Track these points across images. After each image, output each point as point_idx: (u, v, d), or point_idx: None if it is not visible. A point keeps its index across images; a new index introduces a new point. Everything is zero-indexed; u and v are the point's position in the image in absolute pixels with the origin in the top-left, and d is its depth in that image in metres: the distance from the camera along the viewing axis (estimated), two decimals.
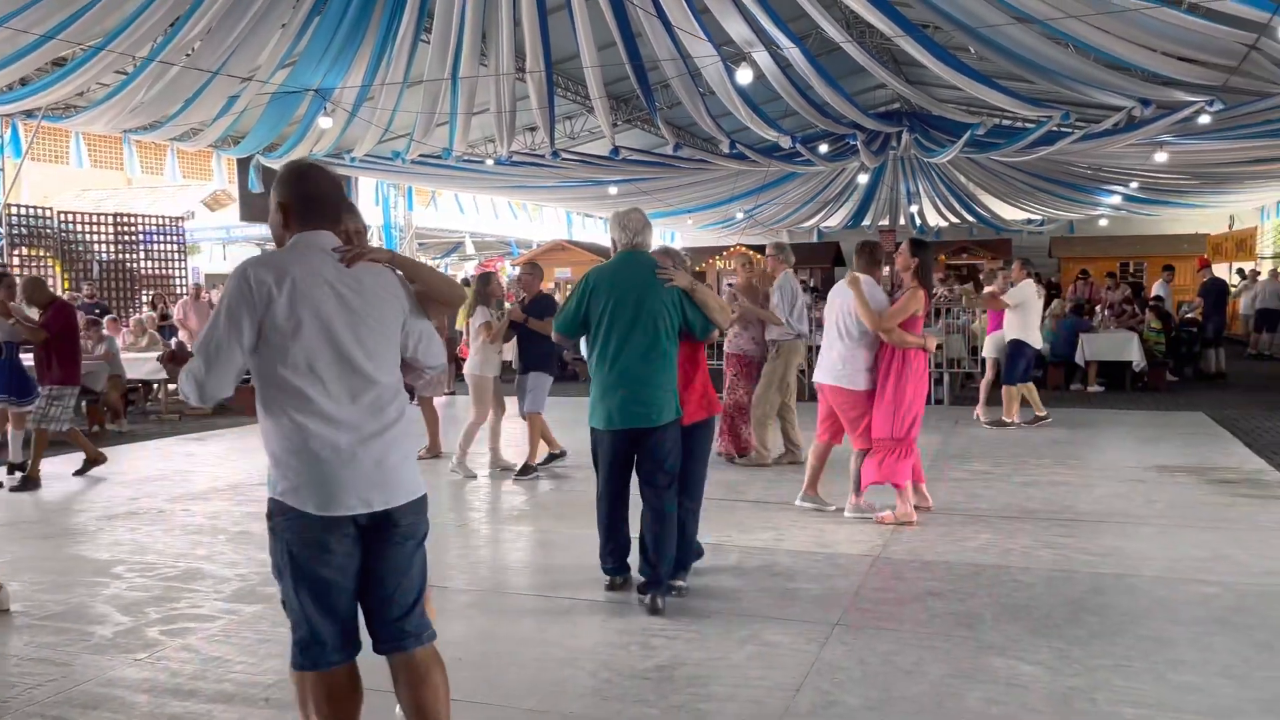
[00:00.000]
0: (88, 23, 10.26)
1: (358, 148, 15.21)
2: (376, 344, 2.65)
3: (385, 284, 2.72)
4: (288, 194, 2.72)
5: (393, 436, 2.62)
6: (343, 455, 2.54)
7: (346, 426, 2.55)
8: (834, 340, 6.17)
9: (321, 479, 2.53)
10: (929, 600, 4.62)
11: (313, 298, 2.57)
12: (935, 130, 16.78)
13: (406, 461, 2.67)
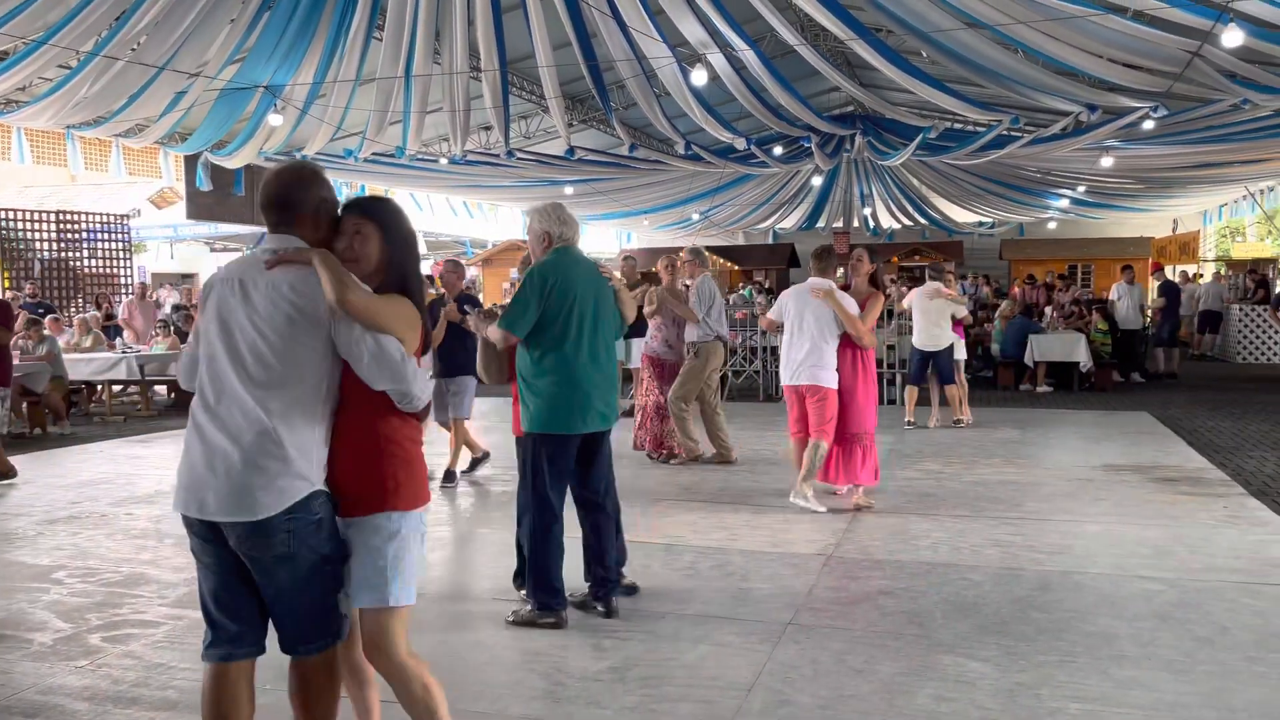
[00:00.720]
0: (30, 16, 10.00)
1: (309, 146, 14.99)
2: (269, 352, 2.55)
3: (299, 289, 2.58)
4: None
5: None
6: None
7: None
8: (803, 342, 6.35)
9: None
10: (880, 599, 4.66)
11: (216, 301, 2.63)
12: (888, 133, 16.97)
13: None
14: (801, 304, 6.43)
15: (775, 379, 13.34)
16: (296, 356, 2.55)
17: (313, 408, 2.57)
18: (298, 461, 2.52)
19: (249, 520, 2.48)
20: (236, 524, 2.49)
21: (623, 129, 15.40)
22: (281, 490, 2.49)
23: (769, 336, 13.47)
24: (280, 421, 2.52)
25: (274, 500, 2.48)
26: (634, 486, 7.29)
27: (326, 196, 2.72)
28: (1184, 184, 19.28)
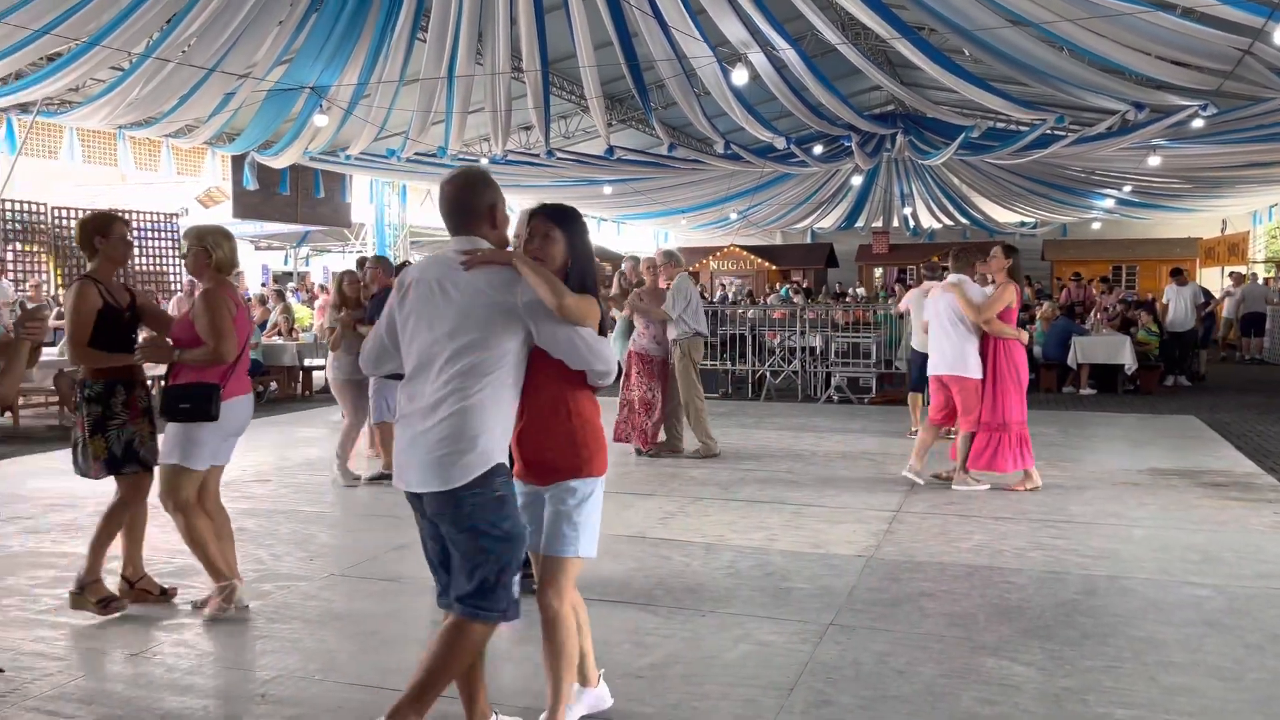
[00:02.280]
0: (83, 18, 10.23)
1: (353, 145, 15.19)
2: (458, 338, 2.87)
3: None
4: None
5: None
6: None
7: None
8: (944, 335, 7.02)
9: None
10: (922, 601, 4.65)
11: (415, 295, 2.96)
12: (929, 132, 16.85)
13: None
14: (938, 299, 7.10)
15: (815, 379, 13.31)
16: (492, 346, 2.85)
17: (503, 391, 2.88)
18: (485, 440, 2.83)
19: (439, 491, 2.81)
20: (431, 495, 2.84)
21: (662, 128, 15.44)
22: (468, 465, 2.81)
23: (807, 336, 13.44)
24: (475, 404, 2.83)
25: (460, 474, 2.81)
26: (673, 486, 7.32)
27: (497, 199, 3.03)
28: (1233, 183, 18.94)
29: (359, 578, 5.11)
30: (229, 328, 4.35)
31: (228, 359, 4.36)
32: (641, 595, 4.72)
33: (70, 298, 4.40)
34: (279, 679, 3.77)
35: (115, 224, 4.54)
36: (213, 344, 4.29)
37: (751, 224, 26.91)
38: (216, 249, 4.43)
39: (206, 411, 4.27)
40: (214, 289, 4.39)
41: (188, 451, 4.34)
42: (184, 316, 4.49)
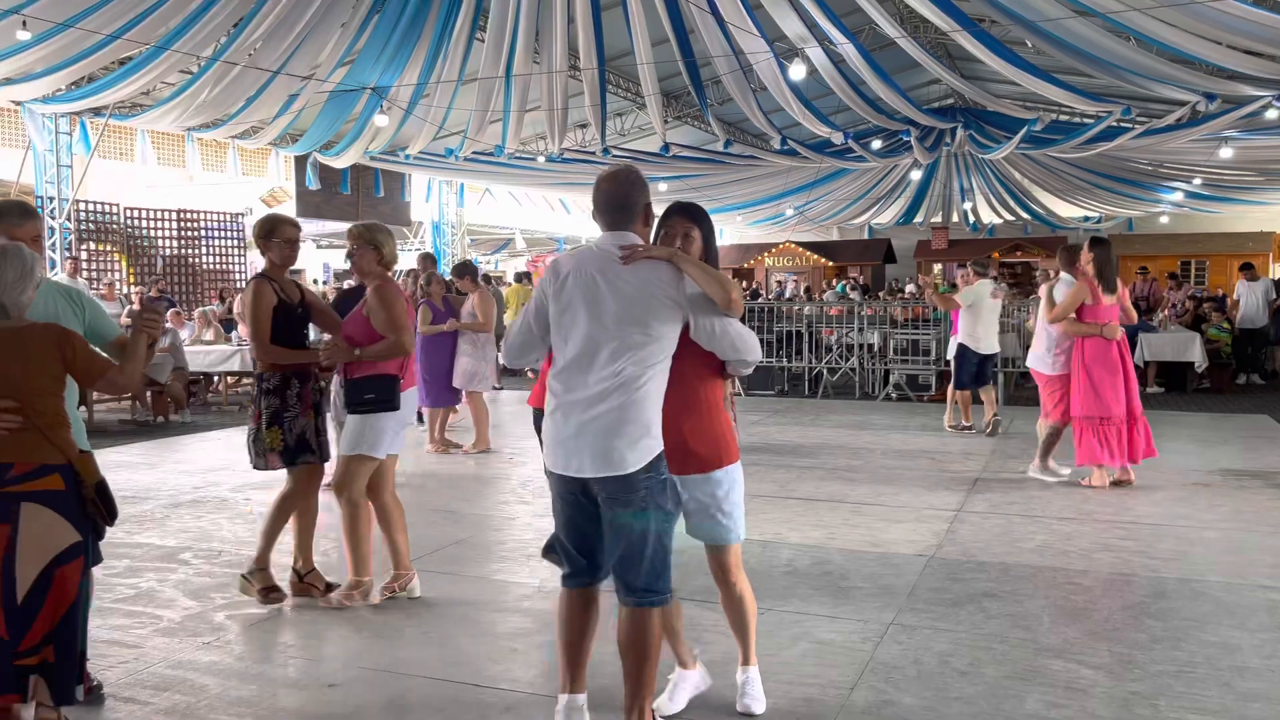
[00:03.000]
0: (153, 23, 10.51)
1: (412, 145, 15.40)
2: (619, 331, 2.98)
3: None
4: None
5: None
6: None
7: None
8: (1037, 331, 7.40)
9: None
10: (985, 601, 4.58)
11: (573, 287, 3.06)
12: (990, 126, 16.59)
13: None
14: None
15: (873, 376, 13.19)
16: (656, 336, 2.97)
17: (660, 379, 3.00)
18: (653, 426, 2.96)
19: (616, 475, 2.91)
20: (606, 480, 2.93)
21: (718, 125, 15.41)
22: (642, 451, 2.93)
23: (865, 333, 13.31)
24: (644, 392, 2.95)
25: (635, 459, 2.92)
26: None
27: (649, 197, 3.14)
28: None
29: (420, 570, 5.18)
30: (406, 321, 4.47)
31: (410, 350, 4.50)
32: (699, 591, 4.71)
33: (247, 296, 4.53)
34: (347, 669, 3.85)
35: (280, 226, 4.61)
36: (394, 336, 4.39)
37: (808, 220, 26.70)
38: (384, 246, 4.54)
39: (390, 401, 4.41)
40: (385, 284, 4.49)
41: (371, 440, 4.46)
42: (355, 314, 4.55)
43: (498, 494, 7.15)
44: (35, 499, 3.05)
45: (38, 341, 3.10)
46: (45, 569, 3.04)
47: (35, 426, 3.07)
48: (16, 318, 3.12)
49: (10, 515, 3.02)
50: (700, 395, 3.14)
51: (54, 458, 3.09)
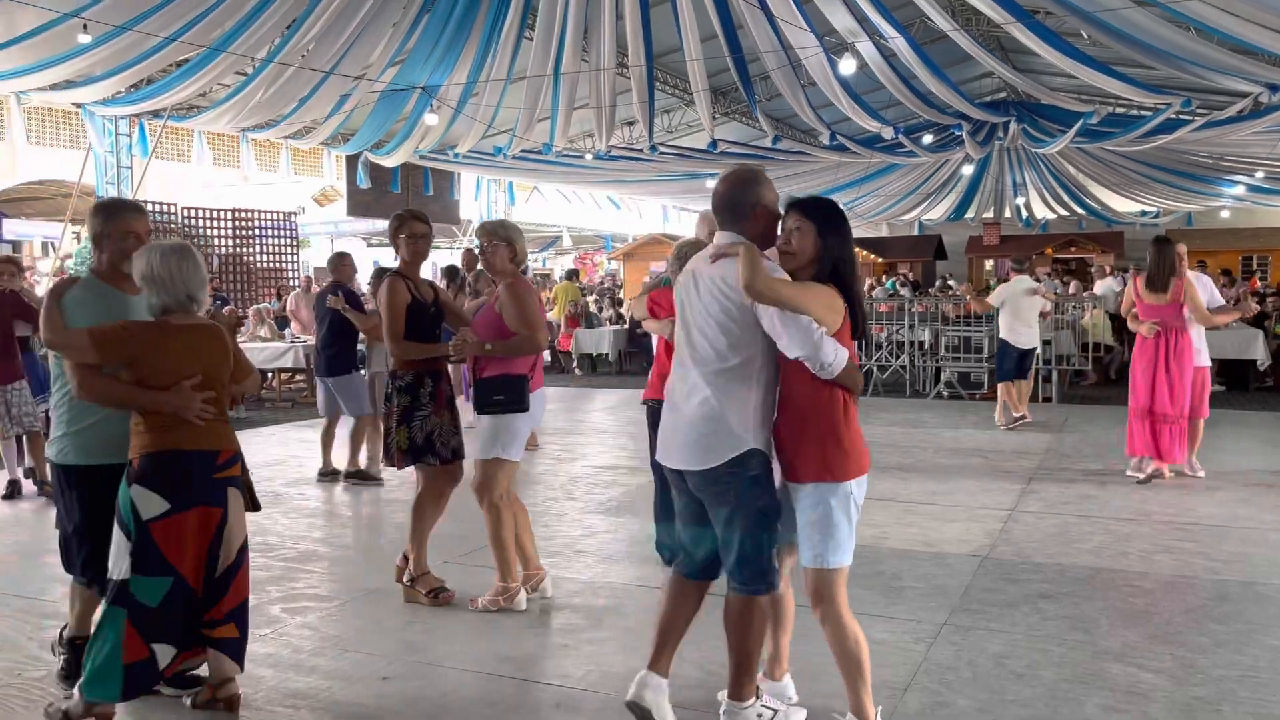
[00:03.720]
0: (208, 25, 10.71)
1: (461, 144, 15.51)
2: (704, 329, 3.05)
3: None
4: None
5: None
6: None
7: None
8: None
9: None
10: (1040, 603, 4.50)
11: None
12: (1044, 119, 16.29)
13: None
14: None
15: (924, 374, 13.03)
16: (735, 336, 3.00)
17: (746, 379, 3.01)
18: (734, 425, 2.99)
19: (698, 469, 3.02)
20: (692, 473, 3.05)
21: (766, 120, 15.33)
22: (724, 446, 2.99)
23: (916, 330, 13.15)
24: (719, 391, 3.01)
25: (717, 455, 3.00)
26: None
27: (766, 196, 3.11)
28: None
29: (470, 565, 5.23)
30: (540, 318, 4.40)
31: (543, 347, 4.45)
32: None
33: (382, 294, 4.51)
34: (398, 662, 3.89)
35: (408, 222, 4.60)
36: (527, 333, 4.31)
37: (857, 216, 26.45)
38: (516, 242, 4.48)
39: (520, 402, 4.30)
40: (517, 281, 4.42)
41: (506, 443, 4.36)
42: (486, 311, 4.48)
43: (546, 490, 7.18)
44: (234, 484, 3.39)
45: (218, 337, 3.41)
46: (239, 551, 3.37)
47: (224, 417, 3.39)
48: (195, 315, 3.37)
49: (222, 500, 3.32)
50: (797, 399, 3.01)
51: (237, 446, 3.43)
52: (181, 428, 3.26)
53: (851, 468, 3.03)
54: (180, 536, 3.23)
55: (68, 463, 3.44)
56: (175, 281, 3.29)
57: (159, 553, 3.21)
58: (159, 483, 3.21)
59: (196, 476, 3.27)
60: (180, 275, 3.29)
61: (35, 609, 4.59)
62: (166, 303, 3.30)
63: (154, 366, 3.25)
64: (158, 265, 3.28)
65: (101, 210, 3.65)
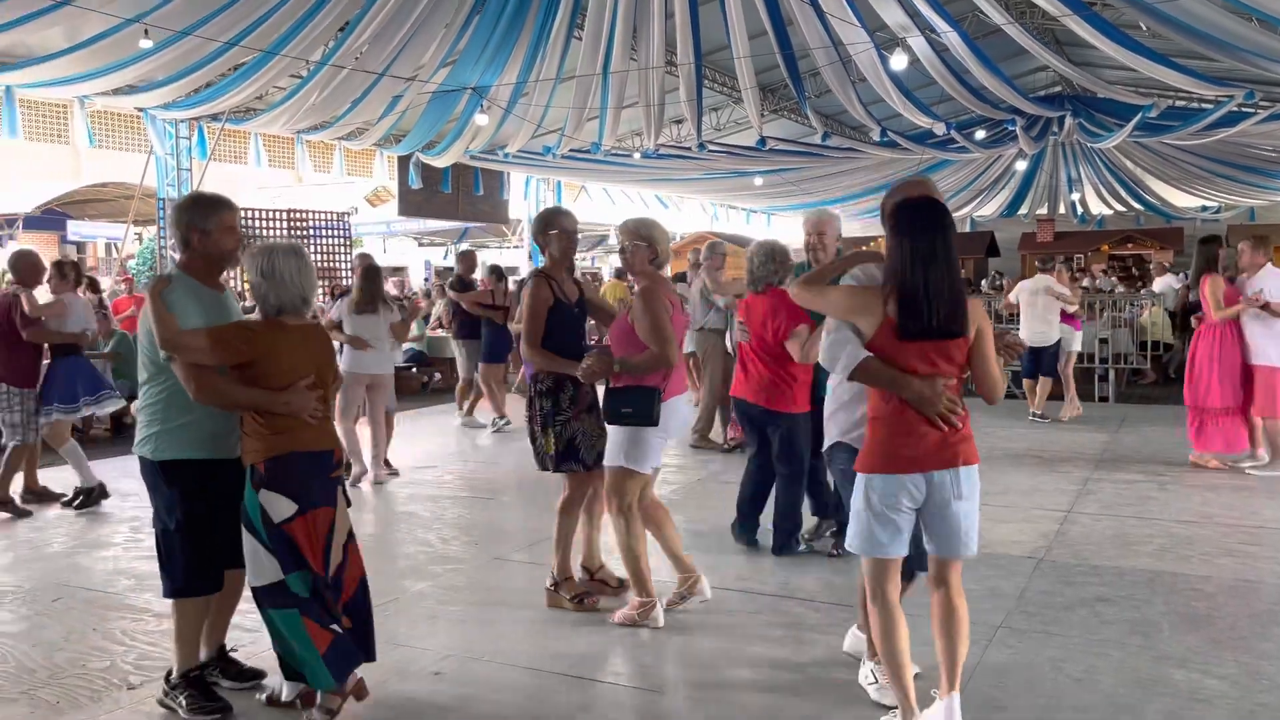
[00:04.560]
0: (267, 30, 10.90)
1: (511, 144, 15.61)
2: None
3: None
4: None
5: None
6: None
7: None
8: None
9: None
10: (1098, 606, 4.42)
11: None
12: (1101, 113, 15.98)
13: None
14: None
15: None
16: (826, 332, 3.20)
17: (845, 385, 3.31)
18: (835, 416, 3.46)
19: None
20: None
21: (816, 117, 15.21)
22: (826, 437, 3.47)
23: None
24: (838, 387, 3.39)
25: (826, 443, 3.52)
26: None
27: (893, 202, 3.26)
28: None
29: (524, 563, 5.27)
30: (672, 330, 4.18)
31: (673, 362, 4.20)
32: (800, 590, 4.69)
33: (525, 293, 4.43)
34: (450, 658, 3.93)
35: (557, 218, 4.54)
36: (657, 348, 4.12)
37: None
38: (659, 242, 4.33)
39: (648, 416, 4.13)
40: (653, 287, 4.23)
41: (632, 455, 4.20)
42: (621, 318, 4.34)
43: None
44: (341, 483, 3.50)
45: (325, 338, 3.54)
46: (344, 548, 3.43)
47: (330, 417, 3.47)
48: (306, 314, 3.43)
49: (333, 498, 3.39)
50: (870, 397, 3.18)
51: (340, 445, 3.52)
52: (300, 429, 3.29)
53: (869, 460, 3.08)
54: (309, 535, 3.29)
55: (163, 458, 3.42)
56: (292, 282, 3.31)
57: (297, 550, 3.27)
58: (287, 486, 3.25)
59: (318, 477, 3.33)
60: (297, 276, 3.32)
61: (100, 601, 4.72)
62: (282, 303, 3.31)
63: (272, 367, 3.26)
64: (279, 264, 3.30)
65: (198, 205, 3.54)
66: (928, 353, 2.98)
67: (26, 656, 3.99)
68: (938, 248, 2.96)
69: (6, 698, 3.60)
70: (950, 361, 3.01)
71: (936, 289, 2.93)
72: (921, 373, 2.97)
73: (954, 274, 2.98)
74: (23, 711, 3.50)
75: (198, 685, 3.48)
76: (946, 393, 2.98)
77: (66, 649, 4.08)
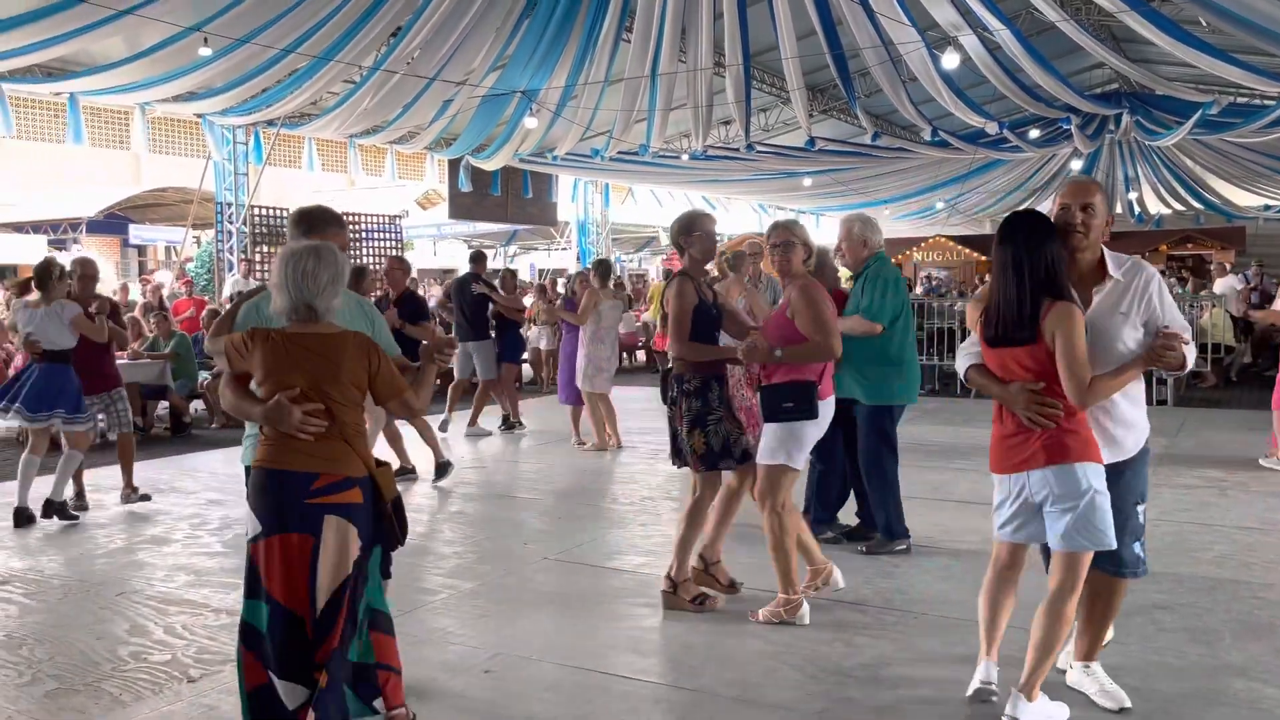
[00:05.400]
0: (322, 37, 11.09)
1: (559, 146, 15.71)
2: None
3: None
4: None
5: None
6: None
7: None
8: None
9: None
10: (1156, 614, 4.33)
11: None
12: (1159, 111, 15.68)
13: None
14: None
15: None
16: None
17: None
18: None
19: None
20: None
21: (865, 117, 15.11)
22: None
23: None
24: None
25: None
26: None
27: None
28: None
29: (568, 563, 5.30)
30: (834, 323, 4.25)
31: (836, 354, 4.26)
32: (849, 593, 4.66)
33: (670, 294, 4.45)
34: (500, 656, 3.97)
35: (699, 220, 4.58)
36: (821, 339, 4.17)
37: (958, 213, 25.86)
38: (812, 243, 4.43)
39: (809, 409, 4.16)
40: (810, 283, 4.30)
41: (792, 450, 4.23)
42: (777, 314, 4.39)
43: (644, 489, 7.22)
44: (337, 511, 2.98)
45: (350, 349, 3.03)
46: (340, 585, 2.96)
47: (340, 437, 3.01)
48: (326, 322, 3.06)
49: (314, 526, 2.95)
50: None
51: (357, 470, 3.03)
52: (281, 445, 2.98)
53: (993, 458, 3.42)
54: (271, 561, 2.96)
55: (244, 463, 3.42)
56: (295, 287, 3.01)
57: (257, 575, 2.99)
58: (254, 501, 3.02)
59: (287, 499, 2.96)
60: (295, 279, 3.00)
61: (160, 596, 4.84)
62: (286, 307, 3.05)
63: (258, 376, 3.04)
64: (278, 267, 3.07)
65: (303, 221, 3.54)
66: (1004, 358, 3.21)
67: (91, 649, 4.10)
68: (1007, 260, 3.17)
69: (72, 689, 3.71)
70: (1024, 367, 3.16)
71: (1005, 299, 3.15)
72: (1004, 378, 3.21)
73: (1019, 285, 3.13)
74: (87, 702, 3.60)
75: None
76: (1034, 396, 3.12)
77: (129, 642, 4.19)
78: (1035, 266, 3.11)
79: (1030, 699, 3.18)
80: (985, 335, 3.23)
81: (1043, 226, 3.20)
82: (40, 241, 21.79)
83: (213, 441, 9.36)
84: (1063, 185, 3.59)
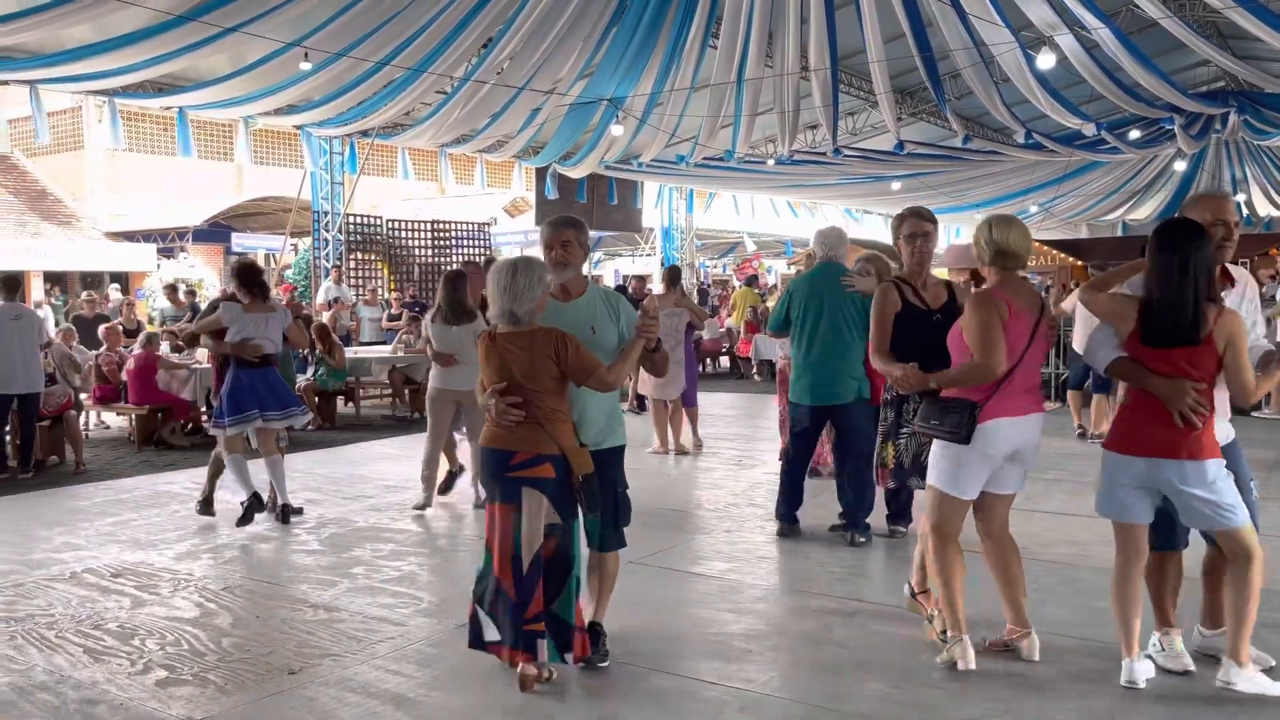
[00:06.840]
0: (416, 49, 11.39)
1: (645, 153, 15.80)
2: None
3: None
4: None
5: None
6: None
7: None
8: None
9: None
10: (1263, 632, 4.14)
11: None
12: (1269, 109, 15.02)
13: None
14: None
15: None
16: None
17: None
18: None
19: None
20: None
21: (956, 120, 14.84)
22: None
23: None
24: None
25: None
26: None
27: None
28: None
29: (652, 567, 5.32)
30: (996, 338, 3.67)
31: (992, 374, 3.68)
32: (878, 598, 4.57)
33: (875, 298, 4.35)
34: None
35: (908, 220, 4.55)
36: (978, 355, 3.69)
37: (1053, 216, 25.17)
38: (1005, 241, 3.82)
39: (955, 431, 3.69)
40: (987, 292, 3.80)
41: (945, 474, 3.80)
42: (953, 328, 3.92)
43: (728, 495, 7.21)
44: (531, 484, 3.62)
45: (541, 344, 3.61)
46: (536, 550, 3.62)
47: (537, 420, 3.61)
48: (527, 324, 3.63)
49: (514, 496, 3.63)
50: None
51: (549, 448, 3.62)
52: (492, 428, 3.70)
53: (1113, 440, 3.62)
54: (491, 523, 3.72)
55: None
56: (503, 295, 3.60)
57: (487, 532, 3.77)
58: (479, 475, 3.77)
59: (492, 473, 3.70)
60: (497, 290, 3.61)
61: (262, 592, 5.02)
62: (496, 313, 3.66)
63: (484, 370, 3.75)
64: (490, 278, 3.66)
65: (547, 224, 3.97)
66: (1170, 358, 3.39)
67: (197, 640, 4.28)
68: (1175, 265, 3.35)
69: (180, 678, 3.88)
70: (1193, 366, 3.37)
71: (1172, 304, 3.35)
72: (1164, 373, 3.38)
73: (1193, 290, 3.33)
74: (193, 691, 3.76)
75: None
76: (1192, 394, 3.33)
77: (233, 635, 4.36)
78: (1200, 272, 3.34)
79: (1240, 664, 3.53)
80: (1144, 335, 3.41)
81: (1201, 234, 3.41)
82: (150, 250, 22.80)
83: (306, 443, 9.65)
84: (1199, 199, 3.71)
